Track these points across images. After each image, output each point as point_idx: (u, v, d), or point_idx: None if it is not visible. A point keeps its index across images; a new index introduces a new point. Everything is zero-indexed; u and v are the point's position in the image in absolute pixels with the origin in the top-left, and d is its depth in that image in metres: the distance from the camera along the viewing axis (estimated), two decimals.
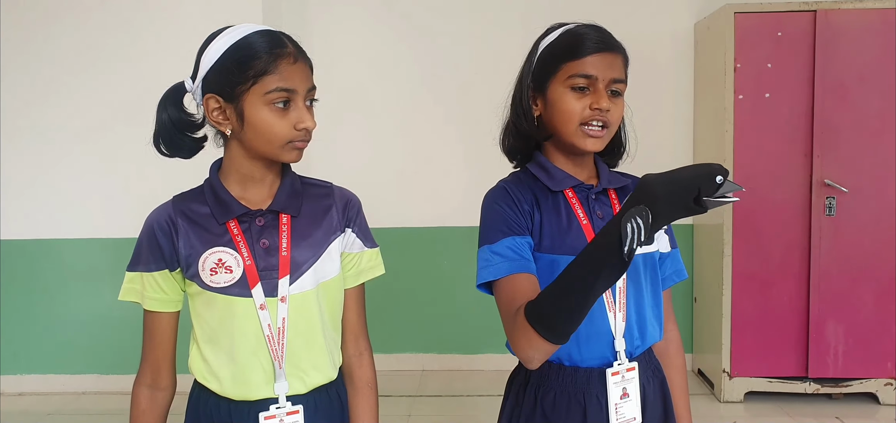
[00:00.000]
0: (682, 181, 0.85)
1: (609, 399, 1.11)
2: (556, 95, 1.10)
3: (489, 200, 1.16)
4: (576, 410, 1.12)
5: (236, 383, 1.08)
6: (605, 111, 1.08)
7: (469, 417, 3.20)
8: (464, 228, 3.73)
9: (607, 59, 1.09)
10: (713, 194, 0.83)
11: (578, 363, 1.12)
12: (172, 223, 1.09)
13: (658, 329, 1.18)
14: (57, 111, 3.55)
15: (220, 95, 1.04)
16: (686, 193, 0.85)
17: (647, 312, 1.15)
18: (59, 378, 3.63)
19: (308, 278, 1.10)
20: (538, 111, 1.16)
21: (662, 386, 1.20)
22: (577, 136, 1.10)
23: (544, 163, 1.16)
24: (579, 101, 1.09)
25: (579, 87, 1.08)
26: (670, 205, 0.85)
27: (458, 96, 3.71)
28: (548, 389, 1.14)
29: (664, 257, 1.22)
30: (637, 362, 1.15)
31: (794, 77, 3.11)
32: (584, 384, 1.12)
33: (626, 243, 0.85)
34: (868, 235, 3.15)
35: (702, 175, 0.84)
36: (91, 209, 3.58)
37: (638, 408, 1.13)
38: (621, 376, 1.12)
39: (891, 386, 3.20)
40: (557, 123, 1.11)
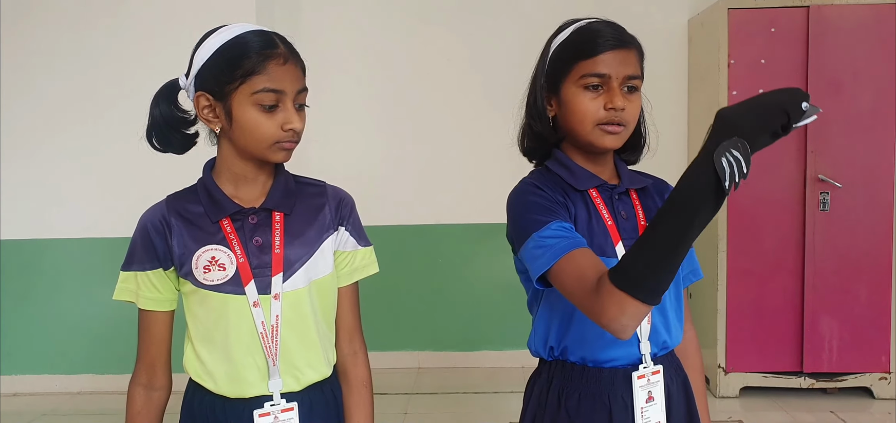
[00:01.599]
0: (771, 107, 0.84)
1: (635, 403, 1.10)
2: (569, 95, 1.08)
3: (519, 196, 1.11)
4: (601, 412, 1.10)
5: (231, 380, 1.08)
6: (620, 110, 1.05)
7: (465, 414, 3.20)
8: (460, 225, 3.73)
9: (621, 55, 1.06)
10: (800, 121, 0.83)
11: (602, 364, 1.11)
12: (166, 222, 1.09)
13: (680, 330, 1.17)
14: (51, 111, 3.54)
15: (211, 93, 1.05)
16: (775, 119, 0.83)
17: (670, 313, 1.14)
18: (54, 378, 3.63)
19: (301, 276, 1.10)
20: (553, 112, 1.13)
21: (686, 386, 1.19)
22: (594, 135, 1.07)
23: (566, 161, 1.14)
24: (594, 100, 1.06)
25: (593, 86, 1.06)
26: (761, 132, 0.84)
27: (452, 94, 3.71)
28: (571, 391, 1.12)
29: None
30: (662, 363, 1.13)
31: (788, 73, 3.12)
32: (609, 386, 1.10)
33: (726, 178, 0.82)
34: (862, 230, 3.16)
35: (789, 102, 0.83)
36: (85, 209, 3.57)
37: (663, 412, 1.12)
38: (647, 379, 1.10)
39: (885, 381, 3.22)
40: (573, 123, 1.09)
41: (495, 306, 3.73)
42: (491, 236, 3.65)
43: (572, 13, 1.17)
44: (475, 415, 3.17)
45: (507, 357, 3.75)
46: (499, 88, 3.66)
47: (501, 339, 3.76)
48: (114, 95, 3.47)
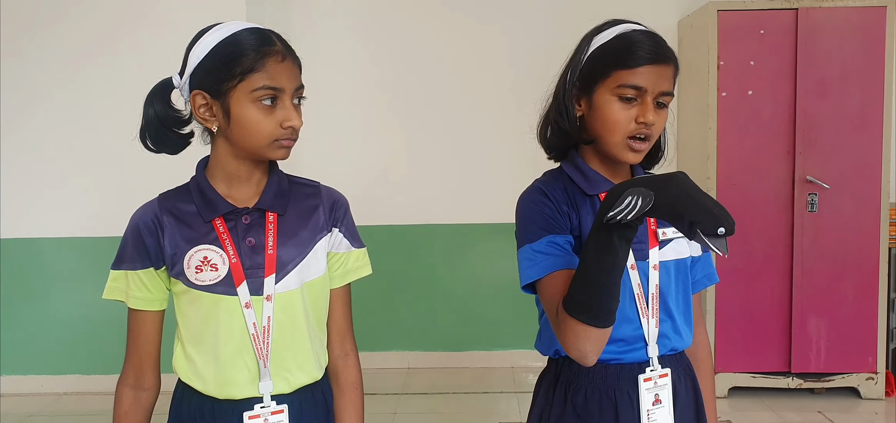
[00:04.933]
0: (695, 202, 0.85)
1: (641, 406, 1.10)
2: (602, 100, 1.06)
3: (526, 201, 1.13)
4: (608, 408, 1.10)
5: (220, 382, 1.07)
6: (650, 125, 1.05)
7: (455, 414, 3.20)
8: (450, 225, 3.72)
9: (659, 70, 1.05)
10: (707, 236, 0.85)
11: (609, 361, 1.11)
12: (158, 221, 1.08)
13: (690, 334, 1.17)
14: (39, 111, 3.50)
15: (208, 91, 1.04)
16: (690, 213, 0.85)
17: (678, 318, 1.14)
18: (39, 379, 3.58)
19: (293, 278, 1.09)
20: (581, 112, 1.11)
21: (694, 386, 1.18)
22: (621, 148, 1.07)
23: (580, 165, 1.13)
24: (626, 111, 1.05)
25: (628, 97, 1.05)
26: (671, 210, 0.86)
27: (445, 94, 3.71)
28: (578, 387, 1.11)
29: (696, 261, 1.20)
30: (670, 365, 1.13)
31: (777, 74, 3.14)
32: (615, 381, 1.10)
33: (615, 209, 0.86)
34: (850, 231, 3.19)
35: (711, 213, 0.84)
36: (71, 209, 3.53)
37: (670, 415, 1.12)
38: (654, 382, 1.10)
39: (872, 381, 3.24)
40: (601, 130, 1.08)
41: (485, 307, 3.73)
42: (482, 236, 3.65)
43: (568, 12, 1.16)
44: (465, 415, 3.16)
45: (497, 358, 3.75)
46: (492, 89, 3.67)
47: (491, 340, 3.76)
48: (102, 94, 3.44)
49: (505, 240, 1.18)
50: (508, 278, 1.17)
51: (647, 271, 1.10)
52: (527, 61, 3.51)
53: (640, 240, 1.11)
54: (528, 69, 3.35)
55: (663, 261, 1.12)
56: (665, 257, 1.12)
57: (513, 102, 3.52)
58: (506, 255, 1.17)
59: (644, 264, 1.10)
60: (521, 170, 1.21)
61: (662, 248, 1.12)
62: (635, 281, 1.10)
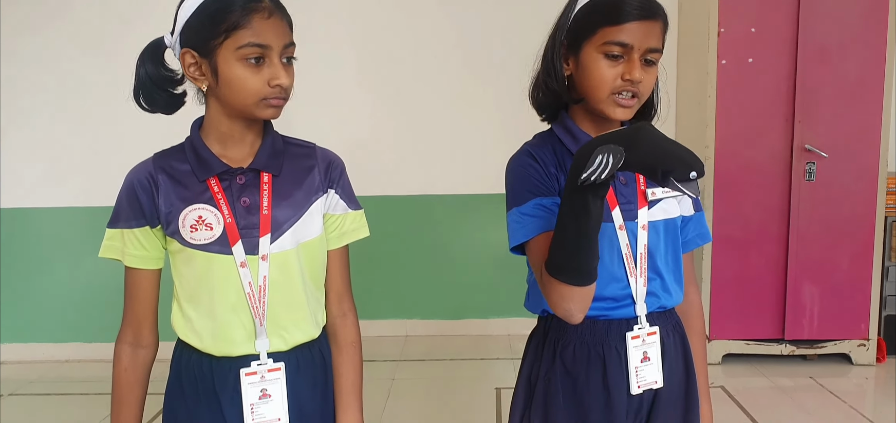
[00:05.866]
0: (665, 151, 0.85)
1: (629, 363, 1.11)
2: (588, 59, 1.06)
3: (514, 164, 1.13)
4: (596, 363, 1.11)
5: (217, 339, 1.08)
6: (637, 82, 1.04)
7: (452, 379, 3.24)
8: (448, 195, 3.73)
9: (646, 26, 1.03)
10: (680, 181, 0.85)
11: (597, 316, 1.12)
12: (153, 180, 1.08)
13: (680, 292, 1.17)
14: (32, 80, 3.48)
15: (196, 49, 1.03)
16: (661, 162, 0.85)
17: (667, 277, 1.14)
18: (40, 347, 3.62)
19: (288, 238, 1.10)
20: (569, 71, 1.11)
21: (684, 343, 1.19)
22: (607, 104, 1.06)
23: (570, 126, 1.13)
24: (612, 68, 1.04)
25: (614, 55, 1.04)
26: (642, 163, 0.86)
27: (447, 63, 3.68)
28: (567, 342, 1.13)
29: (687, 221, 1.20)
30: (658, 322, 1.14)
31: (778, 42, 3.11)
32: (604, 337, 1.11)
33: (587, 170, 0.86)
34: (846, 200, 3.19)
35: (682, 159, 0.84)
36: (70, 178, 3.53)
37: (659, 372, 1.12)
38: (642, 340, 1.11)
39: (864, 347, 3.28)
40: (588, 88, 1.07)
41: (482, 276, 3.75)
42: (479, 206, 3.65)
43: None
44: (462, 381, 3.20)
45: (493, 325, 3.79)
46: (489, 58, 3.63)
47: (488, 307, 3.79)
48: (95, 62, 3.42)
49: (502, 210, 1.18)
50: (505, 247, 1.17)
51: (635, 231, 1.11)
52: (526, 28, 3.46)
53: (629, 200, 1.11)
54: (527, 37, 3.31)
55: (652, 221, 1.12)
56: (654, 217, 1.13)
57: (512, 71, 3.49)
58: (502, 224, 1.17)
59: (633, 225, 1.11)
60: (519, 140, 1.20)
61: (651, 208, 1.12)
62: (624, 241, 1.10)
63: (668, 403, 1.15)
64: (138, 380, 1.13)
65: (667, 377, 1.14)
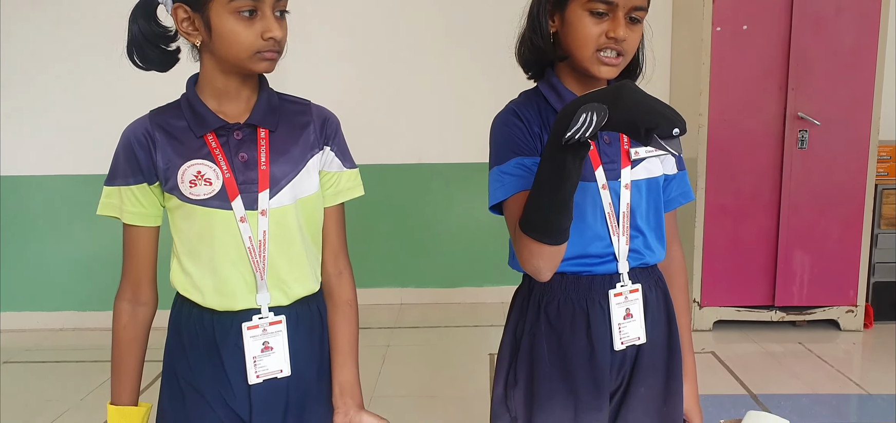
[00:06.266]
0: (649, 109, 0.86)
1: (612, 320, 1.12)
2: (574, 16, 1.06)
3: (498, 123, 1.13)
4: (579, 318, 1.12)
5: (219, 294, 1.08)
6: (621, 40, 1.04)
7: (446, 346, 3.27)
8: (442, 164, 3.73)
9: None
10: (664, 138, 0.85)
11: (581, 272, 1.13)
12: (150, 136, 1.07)
13: (662, 249, 1.19)
14: (23, 48, 3.44)
15: (188, 4, 1.03)
16: (644, 120, 0.85)
17: (649, 235, 1.15)
18: (37, 315, 3.63)
19: (287, 193, 1.10)
20: (554, 28, 1.11)
21: (666, 298, 1.20)
22: (592, 62, 1.06)
23: (555, 84, 1.13)
24: (597, 26, 1.04)
25: (599, 12, 1.04)
26: (626, 121, 0.86)
27: (439, 33, 3.66)
28: (551, 298, 1.14)
29: (670, 179, 1.21)
30: (640, 279, 1.15)
31: (772, 9, 3.11)
32: (587, 292, 1.12)
33: (571, 129, 0.87)
34: (838, 168, 3.21)
35: (665, 116, 0.85)
36: (65, 145, 3.52)
37: (642, 328, 1.14)
38: (624, 297, 1.13)
39: (852, 313, 3.33)
40: (573, 46, 1.07)
41: (476, 244, 3.77)
42: (473, 175, 3.66)
43: None
44: (456, 348, 3.24)
45: (487, 293, 3.81)
46: (482, 26, 3.61)
47: (482, 276, 3.82)
48: (86, 29, 3.38)
49: None
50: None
51: (618, 190, 1.12)
52: None
53: (613, 160, 1.12)
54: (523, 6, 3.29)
55: (635, 180, 1.13)
56: (637, 176, 1.14)
57: (507, 40, 3.47)
58: None
59: (616, 184, 1.12)
60: None
61: (634, 167, 1.14)
62: (606, 200, 1.11)
63: (651, 357, 1.17)
64: (137, 337, 1.13)
65: (650, 333, 1.16)
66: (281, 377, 1.11)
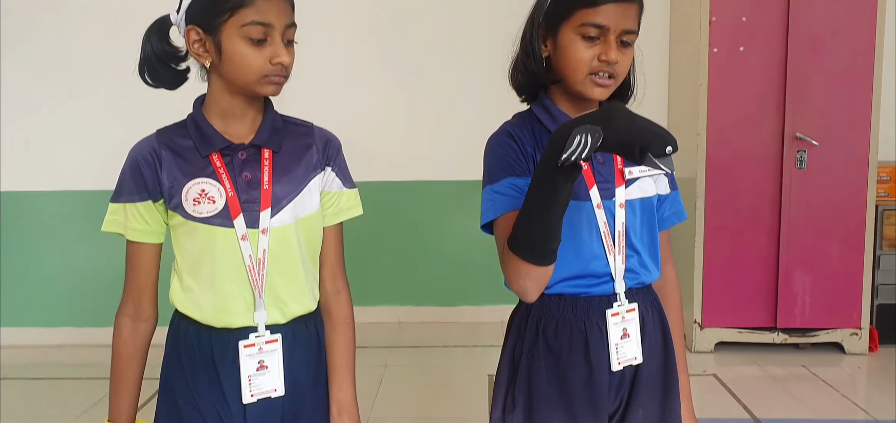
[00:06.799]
0: (641, 129, 0.88)
1: (609, 340, 1.13)
2: (566, 40, 1.08)
3: (492, 143, 1.16)
4: (577, 339, 1.13)
5: (217, 310, 1.10)
6: (613, 63, 1.06)
7: (444, 366, 3.25)
8: (440, 182, 3.74)
9: (622, 8, 1.06)
10: (657, 156, 0.87)
11: (578, 294, 1.14)
12: (156, 155, 1.10)
13: (656, 268, 1.20)
14: (26, 64, 3.49)
15: (200, 26, 1.06)
16: (638, 140, 0.87)
17: (644, 254, 1.17)
18: (35, 331, 3.63)
19: (288, 212, 1.12)
20: (547, 52, 1.13)
21: (661, 318, 1.21)
22: (585, 85, 1.08)
23: (549, 106, 1.15)
24: (589, 49, 1.07)
25: (590, 36, 1.06)
26: (620, 141, 0.88)
27: (435, 52, 3.69)
28: (549, 320, 1.14)
29: (663, 199, 1.22)
30: (637, 298, 1.16)
31: (769, 30, 3.13)
32: (585, 314, 1.13)
33: (567, 151, 0.88)
34: (837, 188, 3.21)
35: (658, 135, 0.87)
36: (65, 162, 3.55)
37: (638, 348, 1.15)
38: (621, 316, 1.14)
39: (856, 336, 3.29)
40: (565, 69, 1.10)
41: (475, 263, 3.76)
42: (472, 193, 3.63)
43: None
44: (455, 368, 3.22)
45: (486, 312, 3.80)
46: (481, 45, 3.65)
47: (481, 294, 3.80)
48: (91, 47, 3.44)
49: None
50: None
51: (613, 209, 1.13)
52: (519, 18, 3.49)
53: (607, 179, 1.14)
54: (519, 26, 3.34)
55: (629, 199, 1.15)
56: (631, 196, 1.15)
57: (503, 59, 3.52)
58: None
59: (610, 203, 1.13)
60: None
61: (628, 187, 1.15)
62: (602, 220, 1.12)
63: (648, 377, 1.17)
64: (138, 352, 1.15)
65: (646, 353, 1.17)
66: (275, 396, 1.12)
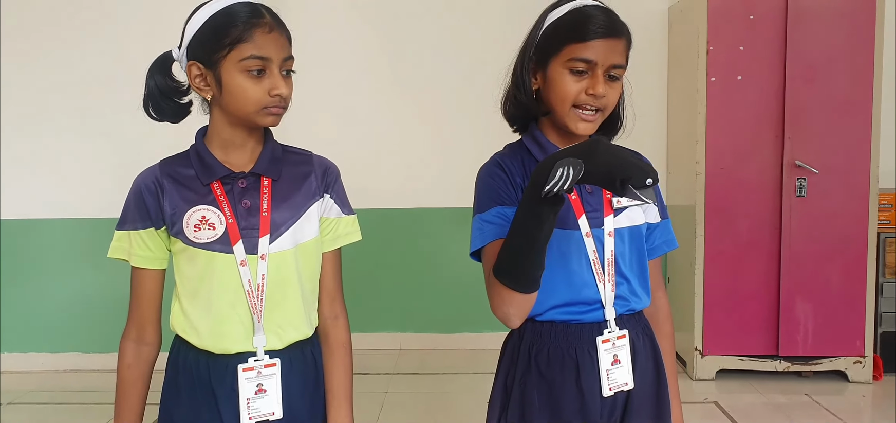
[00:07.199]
0: (622, 161, 0.91)
1: (600, 366, 1.14)
2: (555, 74, 1.11)
3: (483, 173, 1.19)
4: (569, 366, 1.14)
5: (215, 336, 1.12)
6: (600, 97, 1.09)
7: (445, 393, 3.25)
8: (440, 209, 3.76)
9: (610, 44, 1.08)
10: (637, 188, 0.91)
11: (570, 320, 1.16)
12: (158, 184, 1.14)
13: (646, 295, 1.21)
14: (35, 93, 3.55)
15: (201, 61, 1.10)
16: (618, 172, 0.90)
17: (634, 282, 1.19)
18: (39, 357, 3.65)
19: (287, 239, 1.15)
20: (537, 85, 1.16)
21: (653, 344, 1.23)
22: (570, 118, 1.11)
23: (539, 137, 1.18)
24: (577, 83, 1.09)
25: (578, 70, 1.09)
26: (602, 173, 0.92)
27: (437, 79, 3.74)
28: (541, 346, 1.16)
29: (654, 228, 1.24)
30: (628, 325, 1.18)
31: (766, 59, 3.16)
32: (576, 341, 1.15)
33: (549, 183, 0.91)
34: (838, 215, 3.20)
35: (638, 167, 0.90)
36: (72, 190, 3.59)
37: (629, 374, 1.16)
38: (612, 343, 1.15)
39: (860, 364, 3.26)
40: (553, 102, 1.12)
41: (475, 289, 3.72)
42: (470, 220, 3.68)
43: None
44: (455, 394, 3.21)
45: (486, 339, 3.78)
46: (480, 72, 3.68)
47: (481, 321, 3.80)
48: (98, 76, 3.49)
49: None
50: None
51: (602, 237, 1.15)
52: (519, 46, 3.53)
53: (596, 208, 1.16)
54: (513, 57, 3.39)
55: (618, 228, 1.17)
56: (620, 225, 1.17)
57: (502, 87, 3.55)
58: None
59: (599, 232, 1.15)
60: None
61: (617, 216, 1.17)
62: (591, 248, 1.14)
63: (640, 404, 1.19)
64: (141, 375, 1.17)
65: (638, 379, 1.18)
66: (272, 419, 1.14)
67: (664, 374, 1.23)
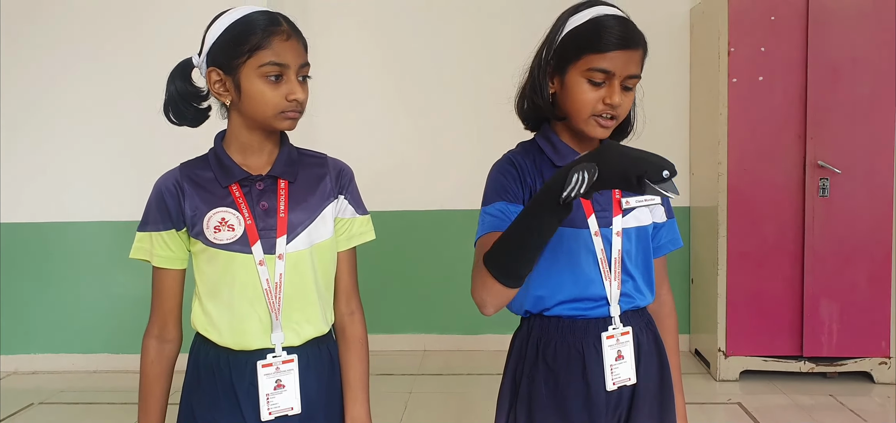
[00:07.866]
0: (635, 160, 0.92)
1: (604, 361, 1.17)
2: (572, 81, 1.13)
3: (494, 169, 1.23)
4: (576, 360, 1.17)
5: (235, 333, 1.16)
6: (616, 106, 1.11)
7: (469, 394, 3.27)
8: (464, 211, 3.79)
9: (628, 55, 1.10)
10: (656, 183, 0.91)
11: (576, 316, 1.19)
12: (179, 186, 1.18)
13: (650, 293, 1.24)
14: (62, 96, 3.62)
15: (221, 68, 1.14)
16: (633, 170, 0.91)
17: (638, 279, 1.21)
18: (70, 357, 3.73)
19: (303, 239, 1.19)
20: (553, 89, 1.18)
21: (657, 340, 1.25)
22: (588, 125, 1.13)
23: (552, 137, 1.21)
24: (594, 92, 1.11)
25: (596, 81, 1.11)
26: (617, 174, 0.93)
27: (460, 81, 3.77)
28: (548, 341, 1.19)
29: (660, 227, 1.27)
30: (632, 321, 1.20)
31: (788, 60, 3.15)
32: (582, 336, 1.18)
33: (567, 189, 0.93)
34: (861, 215, 3.19)
35: (652, 163, 0.91)
36: (103, 192, 3.65)
37: (633, 369, 1.19)
38: (616, 339, 1.18)
39: (885, 365, 3.24)
40: (570, 109, 1.15)
41: None
42: None
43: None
44: (478, 396, 3.23)
45: (510, 341, 3.81)
46: (503, 74, 3.70)
47: (505, 323, 3.76)
48: (124, 80, 3.55)
49: None
50: None
51: (610, 237, 1.18)
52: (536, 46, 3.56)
53: (605, 208, 1.19)
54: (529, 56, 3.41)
55: (625, 228, 1.20)
56: (627, 225, 1.20)
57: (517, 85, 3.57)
58: None
59: (607, 231, 1.18)
60: None
61: (625, 216, 1.20)
62: (599, 247, 1.17)
63: (645, 397, 1.21)
64: (164, 372, 1.21)
65: (643, 374, 1.21)
66: (292, 414, 1.17)
67: (668, 369, 1.26)
